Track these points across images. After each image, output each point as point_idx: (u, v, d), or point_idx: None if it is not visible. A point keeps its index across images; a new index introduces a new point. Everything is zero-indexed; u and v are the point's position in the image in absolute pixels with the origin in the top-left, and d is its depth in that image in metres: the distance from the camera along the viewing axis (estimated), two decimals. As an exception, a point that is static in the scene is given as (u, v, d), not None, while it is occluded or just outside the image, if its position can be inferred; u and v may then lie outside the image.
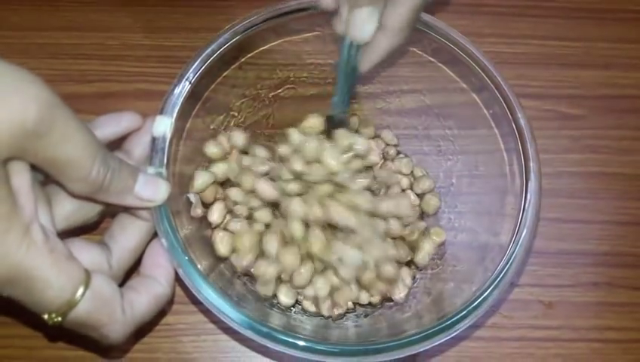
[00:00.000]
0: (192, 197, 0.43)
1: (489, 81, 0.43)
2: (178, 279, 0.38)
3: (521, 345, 0.48)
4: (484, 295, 0.38)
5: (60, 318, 0.33)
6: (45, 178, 0.34)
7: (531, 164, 0.41)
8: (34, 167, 0.32)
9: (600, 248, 0.50)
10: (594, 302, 0.49)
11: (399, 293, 0.44)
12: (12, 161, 0.31)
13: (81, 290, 0.33)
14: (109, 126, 0.38)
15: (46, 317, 0.33)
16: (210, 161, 0.45)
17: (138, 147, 0.39)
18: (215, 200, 0.44)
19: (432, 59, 0.46)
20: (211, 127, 0.46)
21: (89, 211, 0.37)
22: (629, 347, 0.48)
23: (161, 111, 0.40)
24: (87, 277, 0.33)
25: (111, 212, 0.39)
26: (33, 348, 0.45)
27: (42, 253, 0.31)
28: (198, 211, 0.43)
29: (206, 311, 0.46)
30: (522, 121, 0.42)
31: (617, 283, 0.49)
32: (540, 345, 0.48)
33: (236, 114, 0.48)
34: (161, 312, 0.41)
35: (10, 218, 0.30)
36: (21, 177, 0.31)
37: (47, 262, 0.31)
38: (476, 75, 0.44)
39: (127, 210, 0.38)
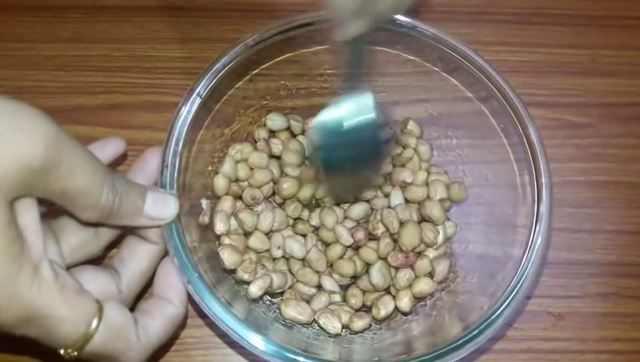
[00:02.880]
0: (204, 203, 0.43)
1: (497, 92, 0.43)
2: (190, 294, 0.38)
3: (531, 357, 0.47)
4: (501, 309, 0.38)
5: (76, 352, 0.33)
6: (48, 208, 0.34)
7: (542, 178, 0.41)
8: (39, 201, 0.32)
9: (607, 258, 0.50)
10: (602, 313, 0.49)
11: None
12: (19, 199, 0.31)
13: (95, 323, 0.33)
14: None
15: (62, 352, 0.33)
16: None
17: (142, 178, 0.39)
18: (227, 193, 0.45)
19: (439, 70, 0.46)
20: (221, 139, 0.46)
21: (94, 247, 0.37)
22: (637, 358, 0.48)
23: (171, 129, 0.39)
24: (99, 308, 0.33)
25: (116, 244, 0.39)
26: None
27: (53, 292, 0.31)
28: (205, 219, 0.43)
29: (214, 325, 0.46)
30: (533, 133, 0.42)
31: (625, 294, 0.49)
32: (548, 357, 0.47)
33: (247, 125, 0.48)
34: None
35: (20, 259, 0.30)
36: (29, 215, 0.31)
37: (59, 299, 0.32)
38: (484, 84, 0.44)
39: (136, 232, 0.38)
